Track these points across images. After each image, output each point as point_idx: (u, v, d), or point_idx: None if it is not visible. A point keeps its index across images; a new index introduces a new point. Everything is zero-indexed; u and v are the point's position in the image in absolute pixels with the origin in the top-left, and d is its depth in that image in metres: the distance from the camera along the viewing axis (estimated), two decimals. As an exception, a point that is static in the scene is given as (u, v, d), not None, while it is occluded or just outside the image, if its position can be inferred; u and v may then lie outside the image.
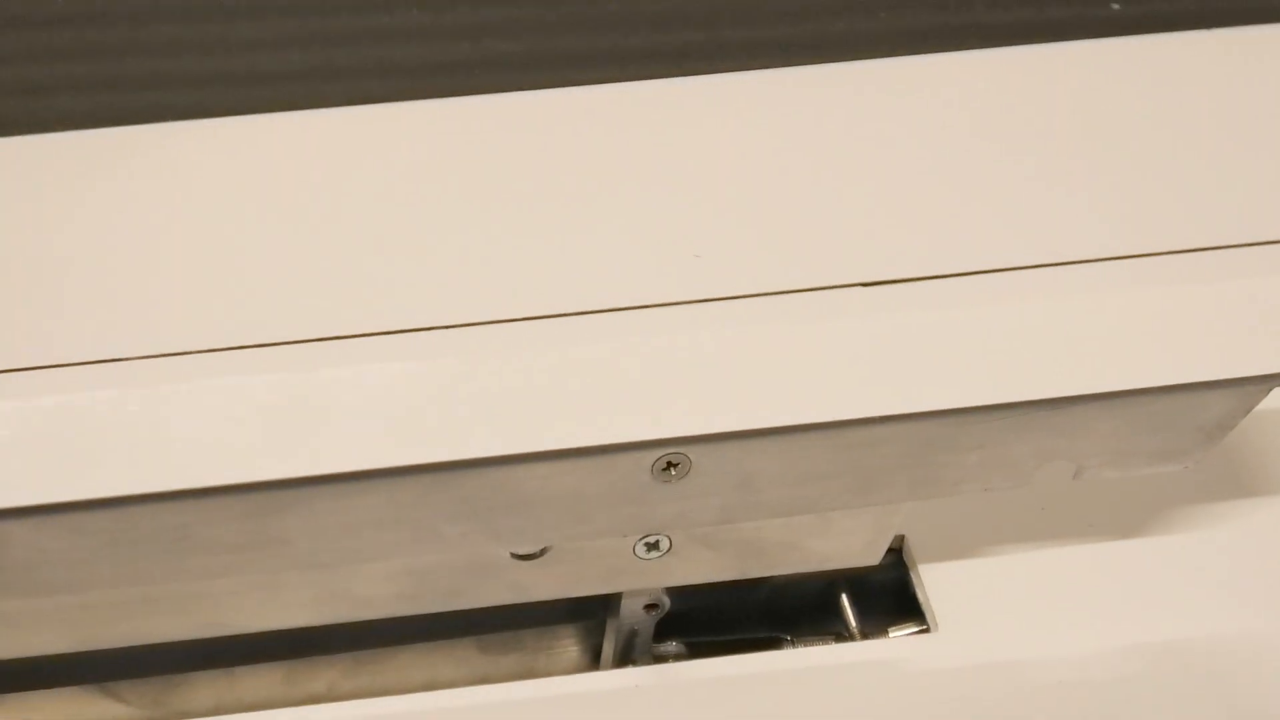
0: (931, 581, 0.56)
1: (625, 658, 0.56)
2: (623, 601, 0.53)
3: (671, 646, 0.57)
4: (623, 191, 0.62)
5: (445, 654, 0.57)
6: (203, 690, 0.57)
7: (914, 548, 0.56)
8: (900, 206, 0.63)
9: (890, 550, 0.56)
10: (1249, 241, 0.55)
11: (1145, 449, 0.51)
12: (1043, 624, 0.55)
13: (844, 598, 0.57)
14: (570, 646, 0.58)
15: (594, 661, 0.57)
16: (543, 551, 0.50)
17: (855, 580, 0.57)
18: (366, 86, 0.66)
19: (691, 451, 0.47)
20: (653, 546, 0.51)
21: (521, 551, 0.50)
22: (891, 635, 0.56)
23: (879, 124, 0.66)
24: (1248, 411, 0.51)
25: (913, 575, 0.56)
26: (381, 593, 0.51)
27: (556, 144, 0.65)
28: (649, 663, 0.56)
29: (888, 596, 0.57)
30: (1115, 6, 0.72)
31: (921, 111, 0.67)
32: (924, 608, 0.55)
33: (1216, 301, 0.49)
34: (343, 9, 0.69)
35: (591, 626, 0.58)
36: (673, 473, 0.47)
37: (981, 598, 0.55)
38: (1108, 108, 0.64)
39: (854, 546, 0.54)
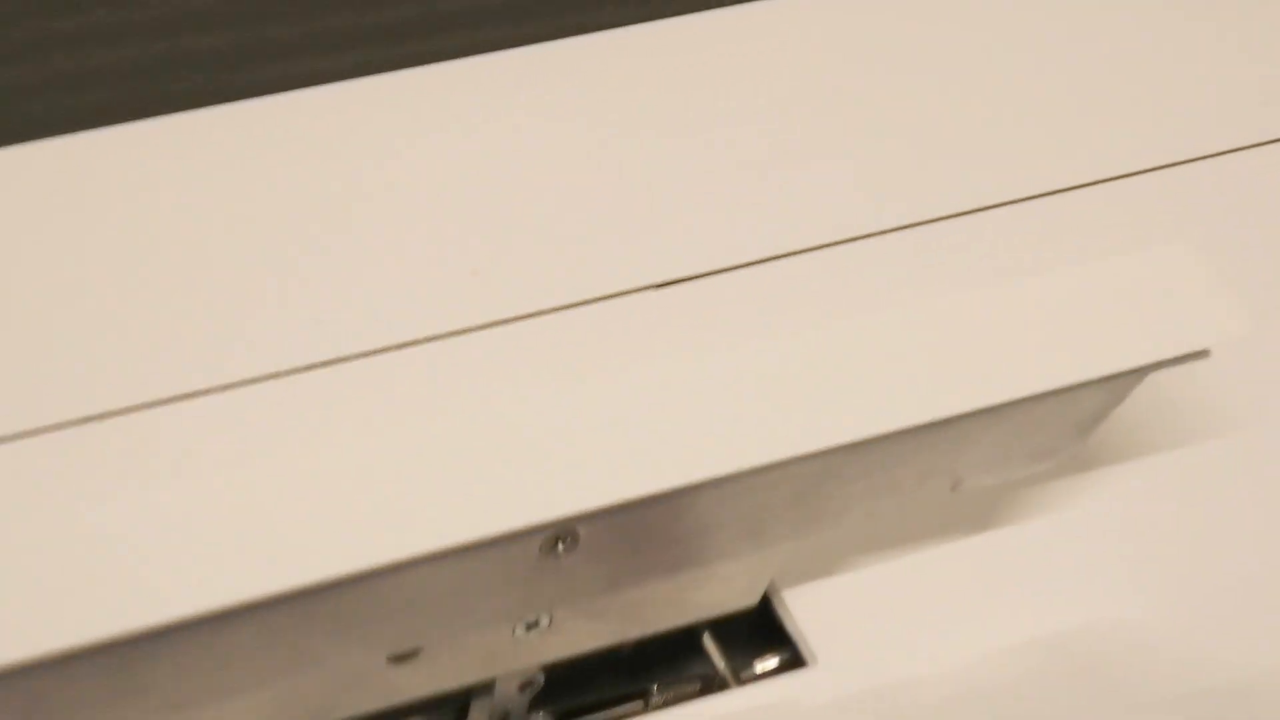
0: (798, 608, 0.53)
1: (497, 740, 0.52)
2: (497, 685, 0.50)
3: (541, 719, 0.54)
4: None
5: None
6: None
7: (775, 576, 0.54)
8: (676, 200, 0.61)
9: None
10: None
11: (1022, 453, 0.50)
12: (919, 636, 0.53)
13: (706, 638, 0.54)
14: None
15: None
16: (418, 649, 0.47)
17: (714, 619, 0.54)
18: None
19: (582, 526, 0.44)
20: (533, 625, 0.48)
21: (398, 652, 0.46)
22: (758, 669, 0.54)
23: (636, 106, 0.64)
24: (1120, 403, 0.50)
25: (778, 605, 0.54)
26: (247, 721, 0.47)
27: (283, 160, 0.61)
28: (520, 741, 0.53)
29: (747, 625, 0.54)
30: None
31: (672, 86, 0.65)
32: (797, 640, 0.53)
33: (1085, 297, 0.48)
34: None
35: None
36: (560, 549, 0.44)
37: (852, 618, 0.53)
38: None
39: (735, 592, 0.51)
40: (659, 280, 0.58)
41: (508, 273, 0.58)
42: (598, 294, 0.58)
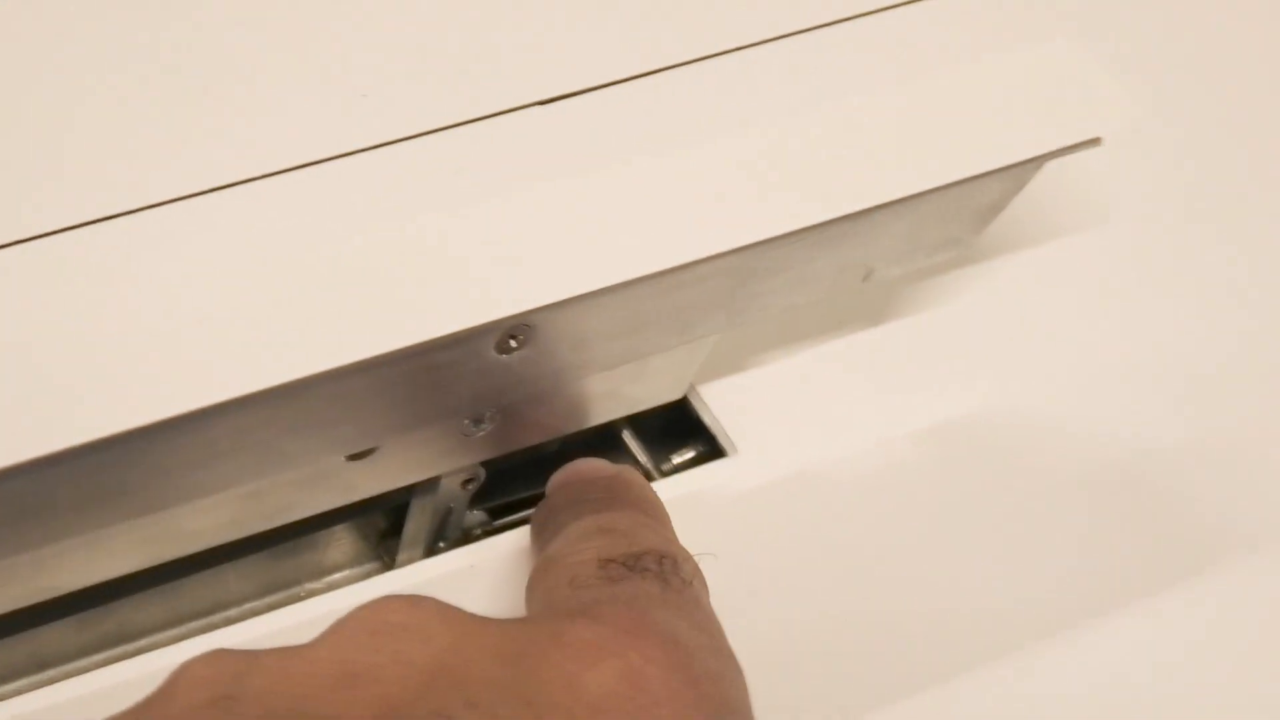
0: (714, 402, 0.56)
1: (437, 537, 0.54)
2: (442, 482, 0.52)
3: (478, 516, 0.56)
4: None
5: (237, 572, 0.54)
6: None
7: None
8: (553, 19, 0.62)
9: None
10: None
11: (928, 242, 0.53)
12: (830, 423, 0.56)
13: (626, 434, 0.57)
14: (345, 537, 0.57)
15: (379, 548, 0.56)
16: (374, 448, 0.48)
17: (633, 415, 0.57)
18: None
19: (534, 320, 0.46)
20: (478, 421, 0.50)
21: (356, 451, 0.48)
22: (676, 460, 0.56)
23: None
24: (1018, 193, 0.53)
25: (694, 401, 0.56)
26: (211, 523, 0.48)
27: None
28: (459, 537, 0.55)
29: (662, 422, 0.57)
30: None
31: None
32: (716, 432, 0.56)
33: (980, 94, 0.51)
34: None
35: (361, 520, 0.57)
36: (514, 345, 0.46)
37: (766, 411, 0.56)
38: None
39: (664, 385, 0.54)
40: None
41: (395, 93, 0.60)
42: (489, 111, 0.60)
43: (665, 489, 0.54)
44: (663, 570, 0.43)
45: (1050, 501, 0.55)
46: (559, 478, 0.51)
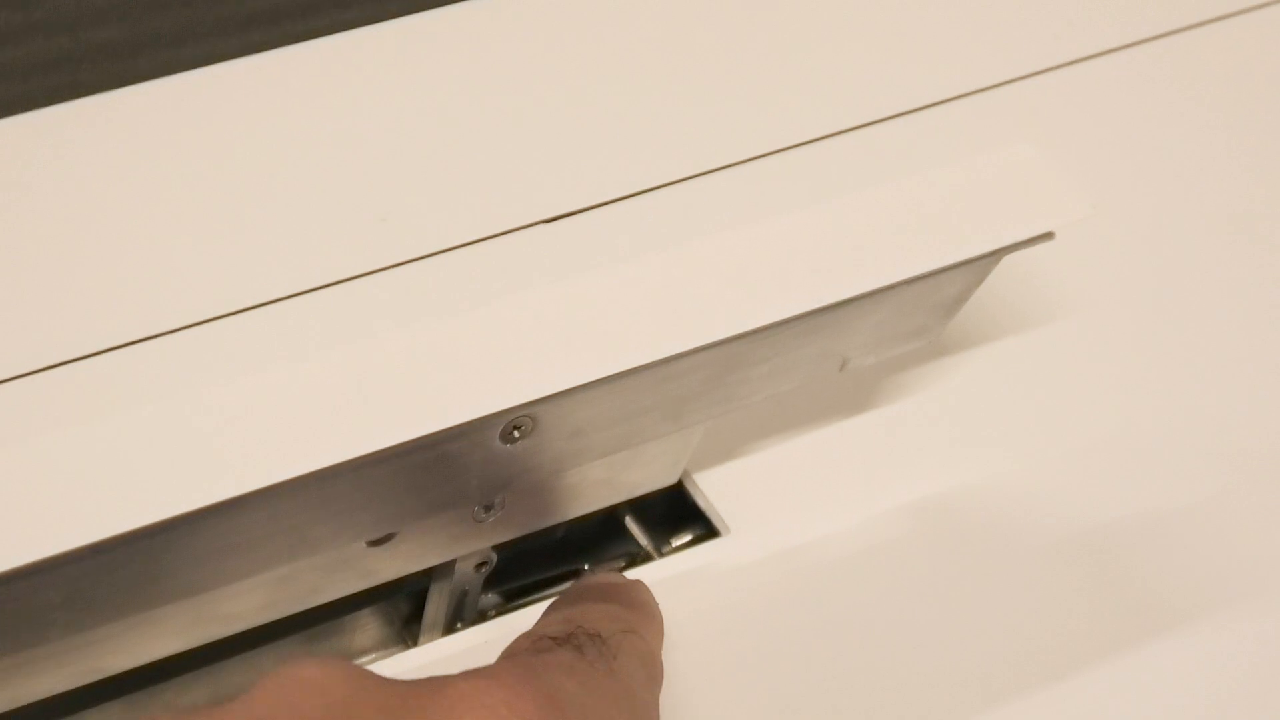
0: (708, 488, 0.60)
1: (455, 618, 0.59)
2: (457, 565, 0.56)
3: (492, 599, 0.60)
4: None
5: (275, 654, 0.58)
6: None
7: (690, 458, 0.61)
8: (553, 145, 0.68)
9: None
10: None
11: (898, 332, 0.57)
12: (816, 504, 0.60)
13: (628, 520, 0.61)
14: (371, 622, 0.61)
15: (403, 632, 0.60)
16: (391, 535, 0.53)
17: (634, 503, 0.61)
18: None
19: (535, 410, 0.50)
20: (489, 508, 0.54)
21: (376, 537, 0.53)
22: (675, 544, 0.61)
23: (501, 63, 0.70)
24: (979, 284, 0.57)
25: (690, 487, 0.61)
26: (248, 606, 0.53)
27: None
28: (475, 619, 0.59)
29: (663, 509, 0.61)
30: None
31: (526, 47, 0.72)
32: (709, 514, 0.60)
33: (943, 194, 0.55)
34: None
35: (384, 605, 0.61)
36: (518, 434, 0.51)
37: (757, 494, 0.60)
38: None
39: (659, 471, 0.58)
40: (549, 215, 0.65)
41: (412, 217, 0.65)
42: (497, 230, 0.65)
43: (663, 568, 0.58)
44: (583, 644, 0.47)
45: (1023, 569, 0.59)
46: (577, 584, 0.55)
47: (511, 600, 0.60)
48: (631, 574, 0.58)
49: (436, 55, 0.72)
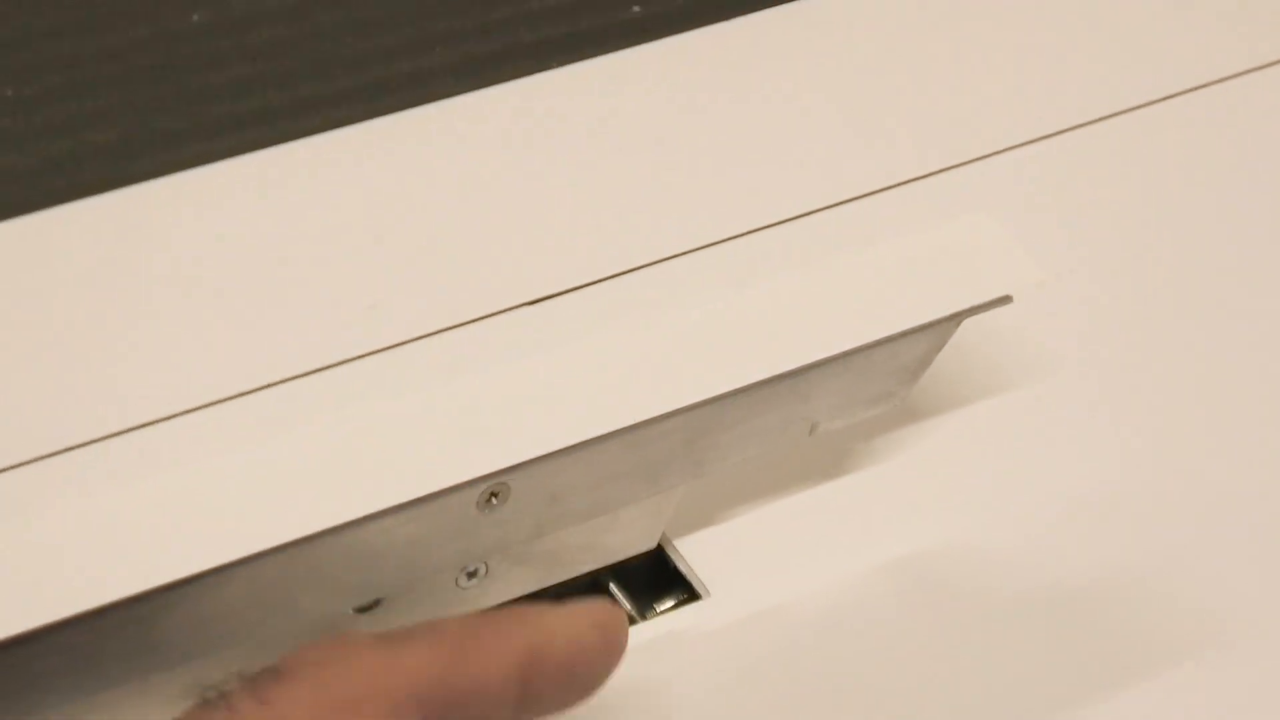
0: (688, 552, 0.62)
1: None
2: (443, 632, 0.58)
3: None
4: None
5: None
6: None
7: (668, 525, 0.63)
8: (535, 229, 0.71)
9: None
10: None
11: (864, 397, 0.59)
12: (793, 566, 0.62)
13: (612, 586, 0.63)
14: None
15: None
16: (378, 601, 0.55)
17: (616, 568, 0.63)
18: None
19: (512, 479, 0.52)
20: (472, 575, 0.56)
21: (362, 604, 0.55)
22: (659, 610, 0.62)
23: (479, 157, 0.73)
24: (941, 348, 0.59)
25: (670, 552, 0.63)
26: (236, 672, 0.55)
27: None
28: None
29: (644, 575, 0.63)
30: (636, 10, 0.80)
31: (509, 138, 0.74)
32: (689, 578, 0.62)
33: (902, 262, 0.58)
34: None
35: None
36: (494, 501, 0.53)
37: (735, 557, 0.62)
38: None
39: (638, 535, 0.60)
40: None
41: (400, 302, 0.68)
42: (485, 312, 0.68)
43: (644, 631, 0.60)
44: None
45: (998, 627, 0.61)
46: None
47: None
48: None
49: (423, 150, 0.75)
